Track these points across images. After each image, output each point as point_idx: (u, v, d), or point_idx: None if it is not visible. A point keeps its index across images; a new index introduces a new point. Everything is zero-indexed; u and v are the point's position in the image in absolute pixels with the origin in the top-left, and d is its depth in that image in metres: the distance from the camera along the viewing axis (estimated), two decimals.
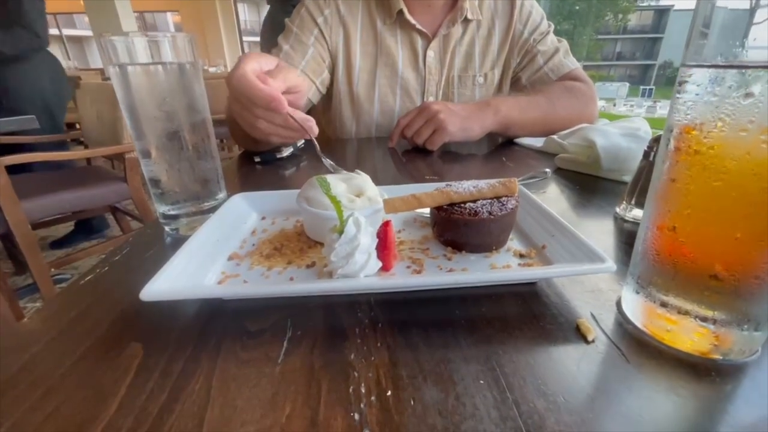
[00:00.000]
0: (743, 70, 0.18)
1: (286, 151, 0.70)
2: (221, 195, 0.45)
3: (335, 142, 0.90)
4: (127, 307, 0.29)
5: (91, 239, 2.21)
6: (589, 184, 0.55)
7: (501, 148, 0.77)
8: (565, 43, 0.90)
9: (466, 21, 0.85)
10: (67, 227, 2.18)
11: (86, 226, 2.22)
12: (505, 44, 0.88)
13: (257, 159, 0.70)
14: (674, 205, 0.22)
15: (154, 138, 0.40)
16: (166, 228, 0.43)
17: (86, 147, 1.90)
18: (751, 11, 0.18)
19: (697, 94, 0.20)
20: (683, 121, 0.21)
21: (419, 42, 0.84)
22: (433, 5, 0.83)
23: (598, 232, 0.41)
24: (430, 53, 0.85)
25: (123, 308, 0.29)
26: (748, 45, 0.18)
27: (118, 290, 0.32)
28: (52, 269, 1.49)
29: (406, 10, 0.80)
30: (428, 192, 0.34)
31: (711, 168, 0.20)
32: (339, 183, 0.37)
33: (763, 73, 0.18)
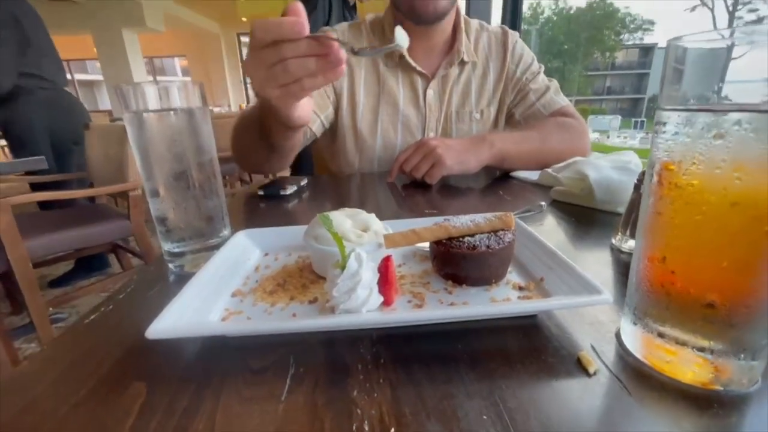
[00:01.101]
0: (713, 113, 0.20)
1: (290, 189, 0.72)
2: (225, 232, 0.46)
3: (338, 178, 0.92)
4: (130, 345, 0.30)
5: (90, 277, 2.20)
6: (584, 216, 0.56)
7: (498, 181, 0.79)
8: (555, 83, 0.95)
9: (463, 63, 0.90)
10: (67, 265, 2.18)
11: (86, 264, 2.21)
12: (500, 83, 0.94)
13: (261, 193, 0.72)
14: (662, 237, 0.23)
15: (163, 178, 0.42)
16: (171, 265, 0.43)
17: (91, 185, 1.94)
18: (728, 49, 0.20)
19: (674, 134, 0.22)
20: (663, 158, 0.23)
21: (419, 82, 0.90)
22: (432, 49, 0.89)
23: (596, 263, 0.41)
24: (430, 92, 0.90)
25: (127, 347, 0.29)
26: (727, 80, 0.20)
27: (122, 329, 0.32)
28: (50, 308, 1.47)
29: (407, 54, 0.86)
30: (427, 227, 0.36)
31: (692, 202, 0.21)
32: (345, 219, 0.38)
33: (731, 116, 0.19)
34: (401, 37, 0.43)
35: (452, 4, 0.82)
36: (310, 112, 0.54)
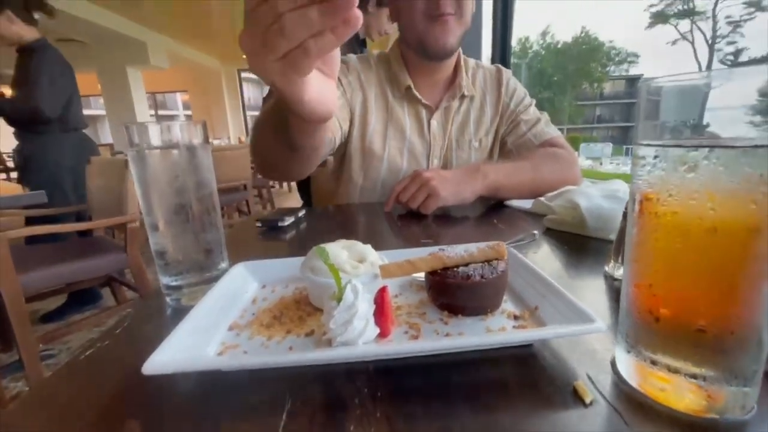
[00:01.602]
0: (684, 149, 0.21)
1: (288, 220, 0.73)
2: (223, 264, 0.47)
3: (335, 209, 0.93)
4: (127, 381, 0.29)
5: (84, 311, 2.16)
6: (578, 243, 0.57)
7: (492, 210, 0.81)
8: (546, 115, 1.00)
9: (463, 96, 0.96)
10: (60, 299, 2.15)
11: (79, 298, 2.18)
12: (496, 115, 1.00)
13: (259, 224, 0.73)
14: (646, 264, 0.24)
15: (164, 212, 0.43)
16: (168, 299, 0.43)
17: (90, 218, 1.95)
18: (697, 87, 0.22)
19: (651, 167, 0.23)
20: (643, 189, 0.24)
21: (423, 113, 0.95)
22: (436, 83, 0.96)
23: (590, 290, 0.42)
24: (434, 122, 0.95)
25: (123, 382, 0.29)
26: (698, 116, 0.21)
27: (119, 364, 0.32)
28: (40, 345, 1.44)
29: (413, 86, 0.92)
30: (423, 257, 0.36)
31: (671, 231, 0.22)
32: (341, 251, 0.39)
33: (701, 151, 0.21)
34: None
35: (459, 43, 0.88)
36: (332, 100, 0.41)
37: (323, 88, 0.38)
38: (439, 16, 0.82)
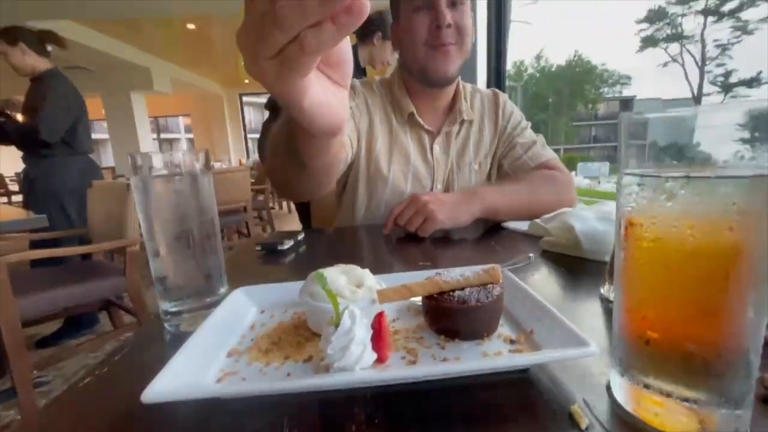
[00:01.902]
0: (664, 178, 0.22)
1: (287, 243, 0.74)
2: (223, 290, 0.47)
3: (334, 231, 0.94)
4: (126, 409, 0.29)
5: (80, 335, 2.13)
6: (574, 265, 0.58)
7: (490, 232, 0.82)
8: (541, 137, 1.02)
9: (462, 121, 0.99)
10: (56, 323, 2.12)
11: (76, 322, 2.16)
12: (494, 138, 1.02)
13: (258, 248, 0.73)
14: (635, 288, 0.25)
15: (165, 239, 0.43)
16: (167, 324, 0.44)
17: (90, 241, 1.95)
18: (674, 120, 0.23)
19: (634, 194, 0.24)
20: (627, 215, 0.25)
21: (426, 138, 0.98)
22: (437, 109, 0.98)
23: (586, 313, 0.42)
24: (436, 147, 0.98)
25: (123, 411, 0.29)
26: (676, 146, 0.23)
27: (118, 392, 0.32)
28: (34, 372, 1.41)
29: (416, 113, 0.94)
30: (419, 282, 0.37)
31: (655, 256, 0.23)
32: (339, 276, 0.39)
33: (678, 181, 0.22)
34: None
35: (459, 71, 0.90)
36: (340, 111, 0.36)
37: (330, 96, 0.34)
38: (441, 46, 0.85)
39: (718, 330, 0.22)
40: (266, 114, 2.55)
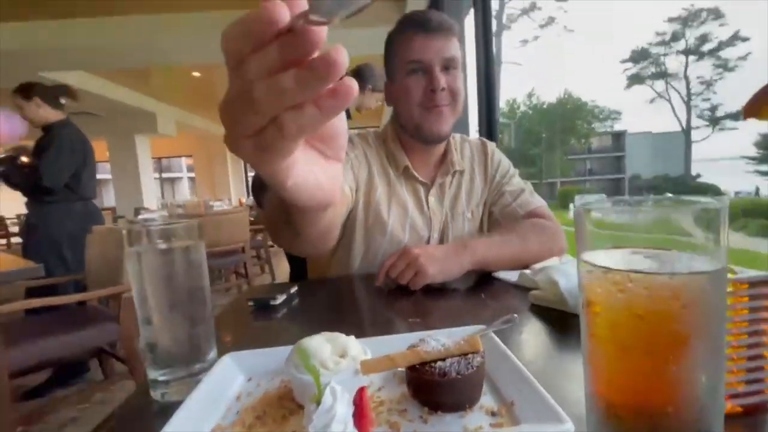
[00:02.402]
0: (617, 272, 0.24)
1: (280, 298, 0.74)
2: (211, 355, 0.48)
3: (327, 283, 0.95)
4: None
5: (70, 385, 2.07)
6: (563, 322, 0.58)
7: (480, 282, 0.83)
8: (529, 185, 1.06)
9: (455, 171, 1.03)
10: (45, 372, 2.06)
11: (66, 371, 2.10)
12: (485, 187, 1.06)
13: (250, 303, 0.74)
14: (597, 363, 0.26)
15: (156, 307, 0.45)
16: (154, 394, 0.44)
17: (85, 287, 1.95)
18: (624, 212, 0.26)
19: (591, 280, 0.26)
20: (586, 294, 0.27)
21: (421, 190, 1.01)
22: (429, 162, 1.02)
23: (570, 376, 0.43)
24: (431, 198, 1.01)
25: None
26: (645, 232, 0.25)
27: None
28: (19, 428, 1.36)
29: (410, 166, 0.98)
30: (402, 352, 0.38)
31: (612, 338, 0.24)
32: (324, 345, 0.40)
33: (628, 275, 0.23)
34: None
35: (452, 129, 0.95)
36: (331, 186, 0.34)
37: (318, 174, 0.31)
38: (435, 108, 0.89)
39: (677, 403, 0.23)
40: None
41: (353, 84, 0.22)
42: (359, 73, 2.18)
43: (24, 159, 2.17)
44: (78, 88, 3.74)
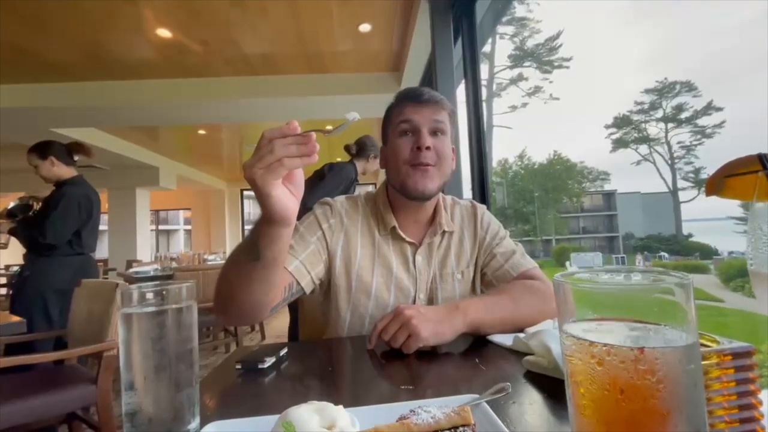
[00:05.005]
0: (593, 344, 0.25)
1: (269, 361, 0.72)
2: (193, 425, 0.46)
3: (318, 345, 0.93)
4: None
5: None
6: (559, 389, 0.56)
7: (474, 346, 0.81)
8: (521, 246, 1.08)
9: (444, 232, 1.04)
10: None
11: None
12: (475, 248, 1.07)
13: (238, 366, 0.72)
14: (582, 425, 0.26)
15: (142, 371, 0.44)
16: None
17: (66, 344, 1.86)
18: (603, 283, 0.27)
19: (573, 351, 0.27)
20: (569, 367, 0.27)
21: (408, 250, 1.02)
22: (418, 222, 1.05)
23: None
24: (418, 258, 1.01)
25: None
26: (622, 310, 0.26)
27: None
28: None
29: (398, 227, 1.00)
30: (391, 425, 0.37)
31: (593, 406, 0.24)
32: (311, 417, 0.39)
33: (605, 348, 0.24)
34: (352, 115, 0.62)
35: (438, 189, 0.99)
36: (292, 207, 0.62)
37: (288, 195, 0.62)
38: (420, 165, 0.94)
39: None
40: None
41: (315, 155, 0.57)
42: (362, 143, 2.65)
43: (35, 206, 2.22)
44: (86, 143, 3.89)
